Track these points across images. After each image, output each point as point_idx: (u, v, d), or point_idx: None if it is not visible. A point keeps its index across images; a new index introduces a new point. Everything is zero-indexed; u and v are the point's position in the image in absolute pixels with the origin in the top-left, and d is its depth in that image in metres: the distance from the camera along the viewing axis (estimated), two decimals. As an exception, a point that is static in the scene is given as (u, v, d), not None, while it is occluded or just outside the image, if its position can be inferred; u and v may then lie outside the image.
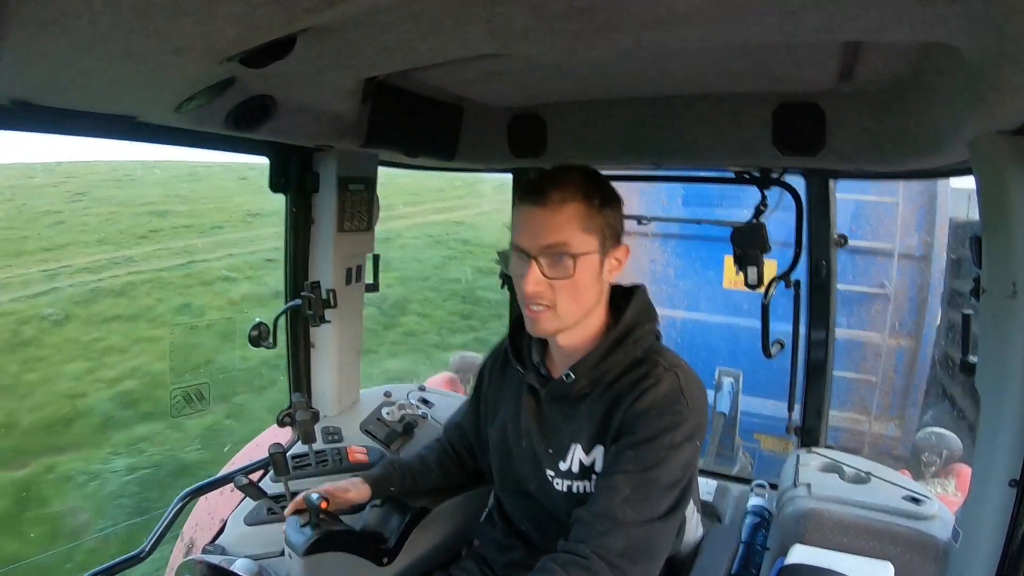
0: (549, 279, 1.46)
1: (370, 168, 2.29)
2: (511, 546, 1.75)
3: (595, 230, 1.48)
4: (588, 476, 1.55)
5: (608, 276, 1.55)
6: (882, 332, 6.07)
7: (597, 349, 1.54)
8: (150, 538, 1.85)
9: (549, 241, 1.45)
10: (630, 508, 1.37)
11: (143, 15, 0.89)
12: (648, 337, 1.58)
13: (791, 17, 1.07)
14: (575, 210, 1.46)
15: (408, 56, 1.39)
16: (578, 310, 1.51)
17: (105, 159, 19.67)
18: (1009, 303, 1.33)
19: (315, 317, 2.13)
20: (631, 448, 1.43)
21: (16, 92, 1.14)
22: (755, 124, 1.88)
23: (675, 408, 1.44)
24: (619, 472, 1.42)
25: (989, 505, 1.42)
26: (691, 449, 1.45)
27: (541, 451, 1.62)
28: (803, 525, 1.82)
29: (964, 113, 1.23)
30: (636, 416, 1.45)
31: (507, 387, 1.75)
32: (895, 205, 5.90)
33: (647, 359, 1.54)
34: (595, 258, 1.49)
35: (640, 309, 1.60)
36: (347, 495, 1.72)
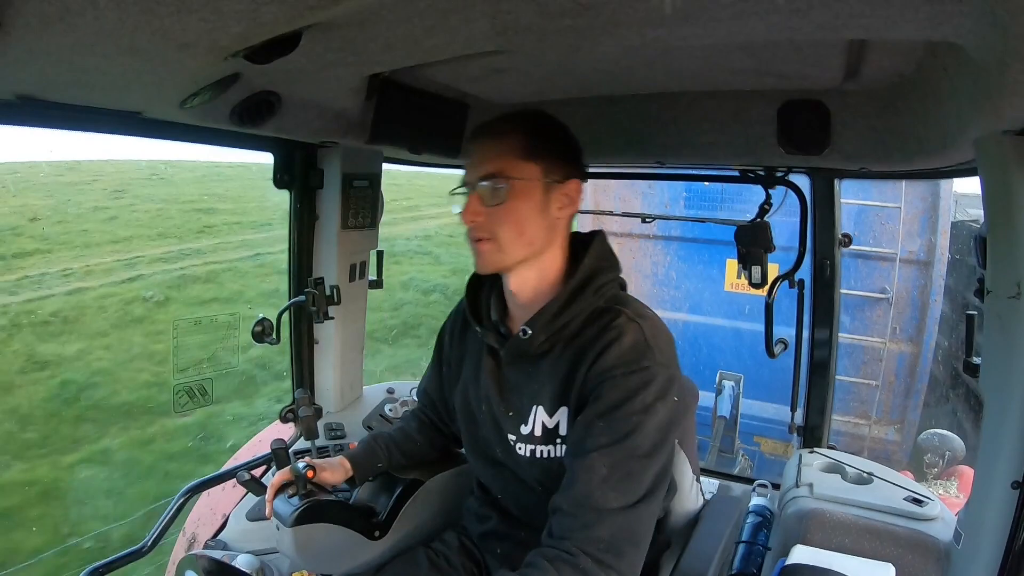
0: (487, 207, 1.45)
1: (374, 165, 2.29)
2: (486, 516, 1.73)
3: (537, 159, 1.46)
4: (552, 440, 1.50)
5: (559, 212, 1.51)
6: (883, 336, 6.09)
7: (555, 300, 1.49)
8: (152, 533, 1.85)
9: (486, 170, 1.46)
10: (611, 490, 1.31)
11: (148, 11, 0.89)
12: (611, 286, 1.54)
13: (797, 14, 1.07)
14: (515, 139, 1.47)
15: (413, 52, 1.39)
16: (521, 243, 1.47)
17: (119, 158, 19.90)
18: (1014, 304, 1.33)
19: (319, 313, 2.13)
20: (600, 418, 1.37)
21: (21, 87, 1.15)
22: (760, 122, 1.88)
23: (642, 364, 1.38)
24: (593, 449, 1.35)
25: (991, 507, 1.41)
26: (665, 409, 1.38)
27: (501, 414, 1.58)
28: (805, 525, 1.81)
29: (970, 113, 1.23)
30: (601, 375, 1.39)
31: (468, 348, 1.71)
32: (897, 210, 5.91)
33: (609, 309, 1.48)
34: (535, 186, 1.46)
35: (599, 255, 1.55)
36: (322, 473, 1.70)
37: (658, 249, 6.73)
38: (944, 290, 6.07)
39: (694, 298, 6.68)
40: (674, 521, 1.83)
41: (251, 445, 3.33)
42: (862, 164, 1.92)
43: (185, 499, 1.96)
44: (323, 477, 1.70)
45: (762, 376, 5.77)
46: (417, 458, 1.91)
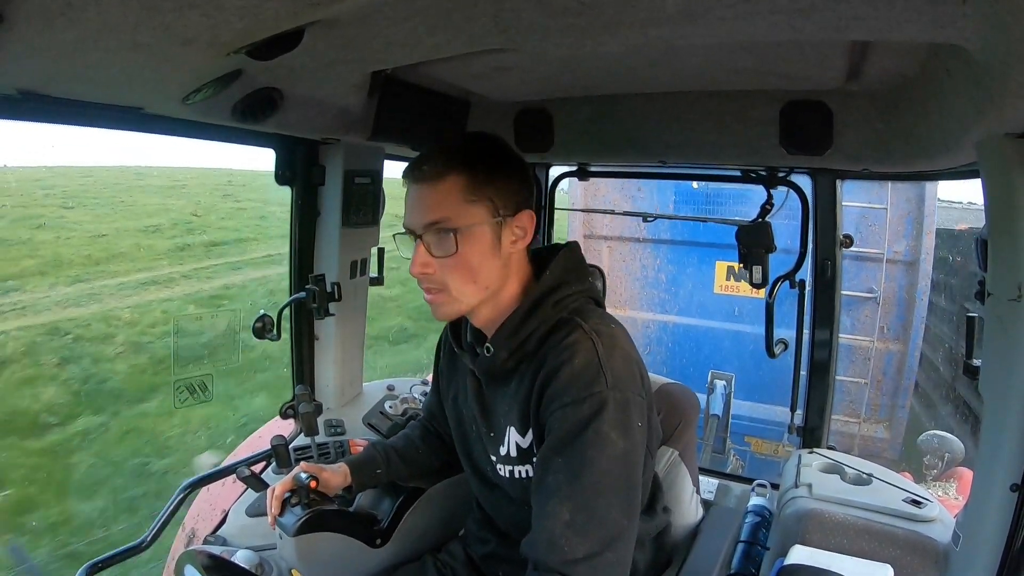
0: (436, 258, 1.37)
1: (376, 162, 2.29)
2: (486, 539, 1.72)
3: (481, 199, 1.37)
4: (528, 459, 1.45)
5: (512, 247, 1.43)
6: (871, 336, 6.16)
7: (513, 316, 1.43)
8: (151, 528, 1.85)
9: (430, 218, 1.36)
10: (575, 536, 1.25)
11: (150, 7, 0.90)
12: (574, 298, 1.46)
13: (800, 15, 1.07)
14: (455, 181, 1.36)
15: (415, 50, 1.39)
16: (474, 289, 1.41)
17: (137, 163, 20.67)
18: (1014, 306, 1.33)
19: (319, 310, 2.13)
20: (557, 453, 1.31)
21: (23, 82, 1.14)
22: (762, 122, 1.88)
23: (592, 390, 1.30)
24: (553, 492, 1.29)
25: (990, 509, 1.41)
26: (623, 438, 1.30)
27: (484, 434, 1.55)
28: (803, 525, 1.81)
29: (972, 115, 1.23)
30: (551, 403, 1.33)
31: (457, 368, 1.67)
32: (884, 211, 5.98)
33: (568, 321, 1.41)
34: (484, 230, 1.38)
35: (564, 268, 1.47)
36: (322, 474, 1.67)
37: (648, 252, 6.76)
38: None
39: (684, 300, 6.71)
40: (674, 535, 1.82)
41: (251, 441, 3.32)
42: (864, 165, 1.92)
43: (184, 495, 1.96)
44: (324, 479, 1.68)
45: (752, 377, 5.83)
46: (418, 467, 1.88)
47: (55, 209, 16.26)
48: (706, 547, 1.84)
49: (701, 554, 1.81)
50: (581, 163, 2.58)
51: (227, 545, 1.87)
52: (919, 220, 5.99)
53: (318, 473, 1.67)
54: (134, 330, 11.36)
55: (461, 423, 1.66)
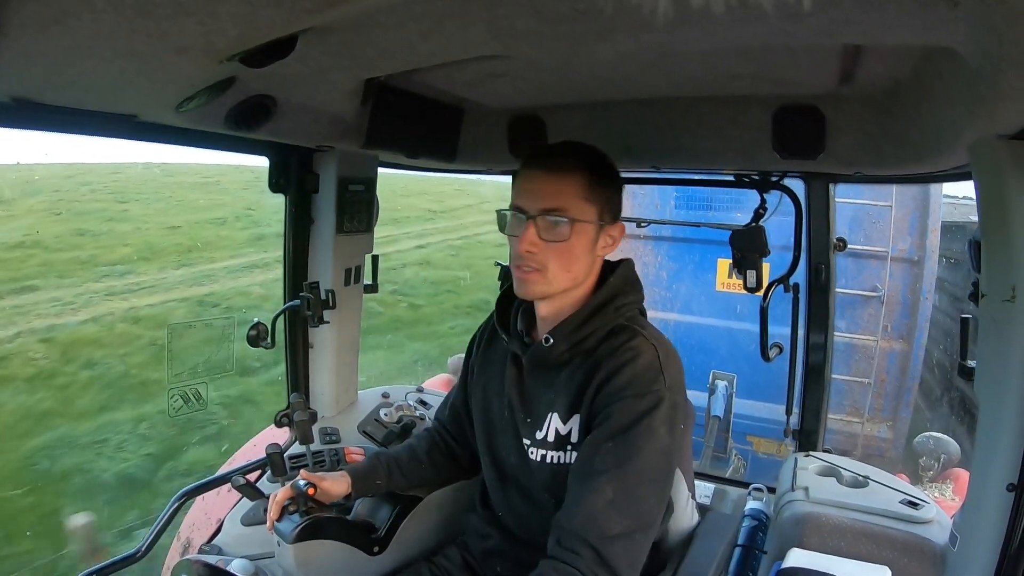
0: (544, 241, 1.48)
1: (370, 169, 2.29)
2: (487, 534, 1.75)
3: (595, 201, 1.50)
4: (564, 446, 1.55)
5: (601, 251, 1.56)
6: (875, 335, 6.09)
7: (578, 314, 1.54)
8: (147, 538, 1.84)
9: (550, 204, 1.48)
10: (615, 514, 1.36)
11: (145, 14, 0.89)
12: (631, 307, 1.59)
13: (792, 20, 1.07)
14: (579, 178, 1.49)
15: (409, 57, 1.39)
16: (567, 277, 1.52)
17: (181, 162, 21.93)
18: (1008, 307, 1.33)
19: (314, 318, 2.12)
20: (608, 439, 1.42)
21: (17, 90, 1.14)
22: (755, 127, 1.88)
23: (652, 387, 1.43)
24: (600, 472, 1.40)
25: (987, 509, 1.42)
26: (668, 435, 1.43)
27: (520, 420, 1.62)
28: (801, 529, 1.81)
29: (964, 117, 1.23)
30: (612, 394, 1.44)
31: (493, 358, 1.76)
32: (888, 209, 5.93)
33: (628, 328, 1.54)
34: (591, 228, 1.51)
35: (625, 279, 1.60)
36: (322, 483, 1.70)
37: (648, 249, 6.73)
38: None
39: (685, 298, 6.68)
40: (670, 540, 1.83)
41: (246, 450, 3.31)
42: (857, 168, 1.93)
43: (180, 504, 1.96)
44: (325, 487, 1.70)
45: (755, 376, 5.77)
46: (418, 481, 1.91)
47: (110, 204, 17.91)
48: (702, 551, 1.84)
49: (697, 558, 1.81)
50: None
51: (223, 554, 1.86)
52: (924, 218, 5.95)
53: (318, 482, 1.69)
54: (270, 303, 12.60)
55: (488, 412, 1.73)
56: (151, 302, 12.41)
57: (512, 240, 1.53)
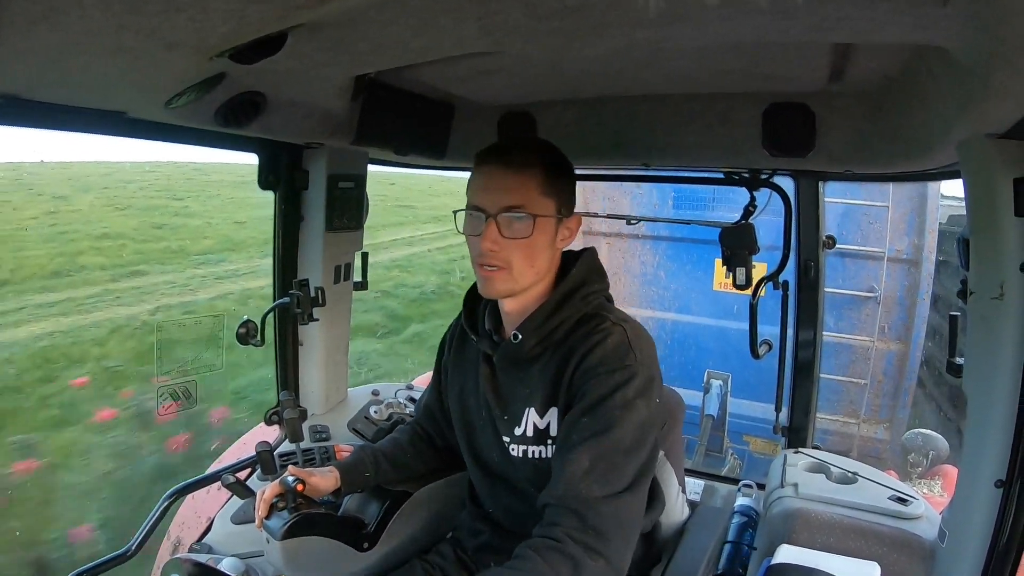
0: (506, 238, 1.48)
1: (360, 166, 2.28)
2: (480, 530, 1.75)
3: (553, 195, 1.51)
4: (543, 440, 1.56)
5: (560, 244, 1.57)
6: (871, 335, 6.11)
7: (544, 306, 1.55)
8: (136, 537, 1.83)
9: (511, 201, 1.47)
10: (594, 482, 1.36)
11: (134, 11, 0.89)
12: (597, 295, 1.59)
13: (783, 17, 1.07)
14: (537, 173, 1.49)
15: (400, 53, 1.39)
16: (531, 272, 1.52)
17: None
18: (996, 304, 1.34)
19: (303, 315, 2.11)
20: (584, 415, 1.42)
21: (5, 87, 1.13)
22: (745, 124, 1.89)
23: (624, 363, 1.44)
24: (576, 444, 1.41)
25: (975, 505, 1.43)
26: (645, 407, 1.43)
27: (498, 417, 1.62)
28: (790, 525, 1.82)
29: (954, 115, 1.24)
30: (586, 373, 1.45)
31: (465, 358, 1.75)
32: (885, 209, 5.94)
33: (596, 315, 1.54)
34: (551, 223, 1.52)
35: (588, 268, 1.61)
36: (311, 479, 1.69)
37: (646, 249, 6.74)
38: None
39: (682, 297, 6.69)
40: (662, 533, 1.83)
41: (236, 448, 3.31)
42: (846, 166, 1.93)
43: (170, 502, 1.95)
44: (313, 482, 1.69)
45: (751, 375, 5.78)
46: (406, 471, 1.90)
47: (167, 200, 19.24)
48: (693, 546, 1.84)
49: (688, 552, 1.82)
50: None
51: (213, 553, 1.85)
52: (921, 218, 5.96)
53: (306, 477, 1.68)
54: (379, 286, 14.05)
55: (466, 412, 1.73)
56: (260, 284, 13.12)
57: (472, 240, 1.52)
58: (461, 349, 1.78)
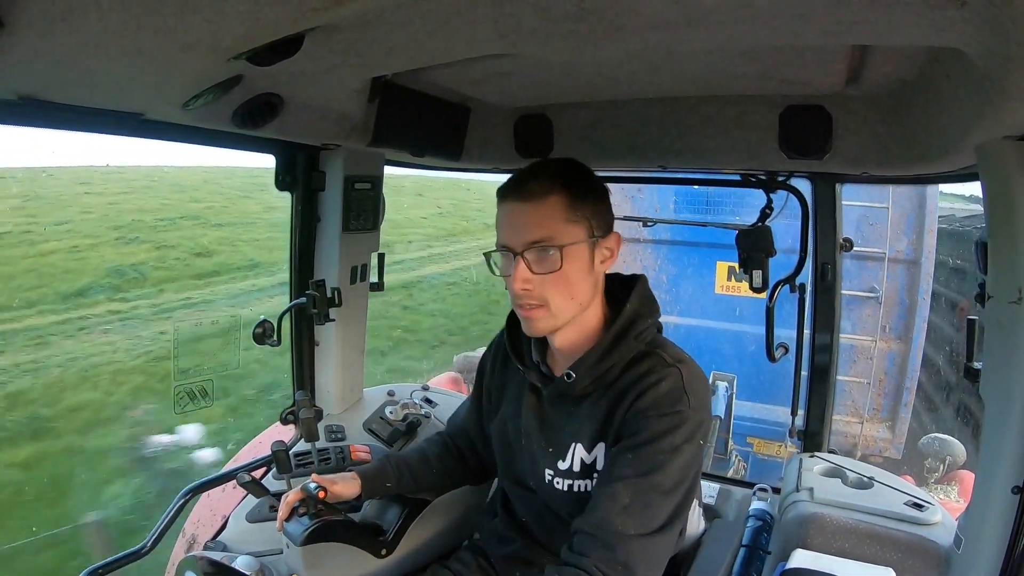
0: (537, 274, 1.43)
1: (376, 167, 2.28)
2: (511, 539, 1.73)
3: (580, 219, 1.44)
4: (590, 475, 1.53)
5: (601, 267, 1.51)
6: (873, 335, 6.16)
7: (598, 346, 1.50)
8: (152, 534, 1.85)
9: (534, 236, 1.42)
10: (629, 519, 1.34)
11: (152, 12, 0.89)
12: (650, 330, 1.54)
13: (800, 20, 1.07)
14: (557, 201, 1.43)
15: (416, 55, 1.39)
16: (572, 305, 1.47)
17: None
18: (1015, 309, 1.33)
19: (320, 316, 2.12)
20: (630, 451, 1.40)
21: (24, 88, 1.14)
22: (762, 127, 1.88)
23: (676, 408, 1.41)
24: (617, 479, 1.38)
25: (992, 512, 1.41)
26: (691, 451, 1.41)
27: (540, 450, 1.60)
28: (805, 529, 1.81)
29: (971, 118, 1.23)
30: (637, 415, 1.42)
31: (509, 382, 1.72)
32: (885, 210, 5.98)
33: (650, 354, 1.50)
34: (583, 248, 1.45)
35: (641, 301, 1.56)
36: (333, 487, 1.68)
37: (648, 253, 6.76)
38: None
39: (685, 301, 6.72)
40: (680, 547, 1.83)
41: (251, 447, 3.32)
42: (864, 169, 1.92)
43: (185, 500, 1.96)
44: (335, 491, 1.69)
45: (754, 377, 5.83)
46: (428, 484, 1.89)
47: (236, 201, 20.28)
48: (709, 557, 1.84)
49: (704, 564, 1.81)
50: (581, 169, 2.58)
51: (228, 551, 1.86)
52: (920, 219, 6.00)
53: (329, 485, 1.68)
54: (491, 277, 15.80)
55: (506, 437, 1.70)
56: (439, 270, 16.31)
57: (507, 280, 1.47)
58: (504, 372, 1.75)
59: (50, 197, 17.76)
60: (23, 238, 15.39)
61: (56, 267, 14.81)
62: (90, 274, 14.76)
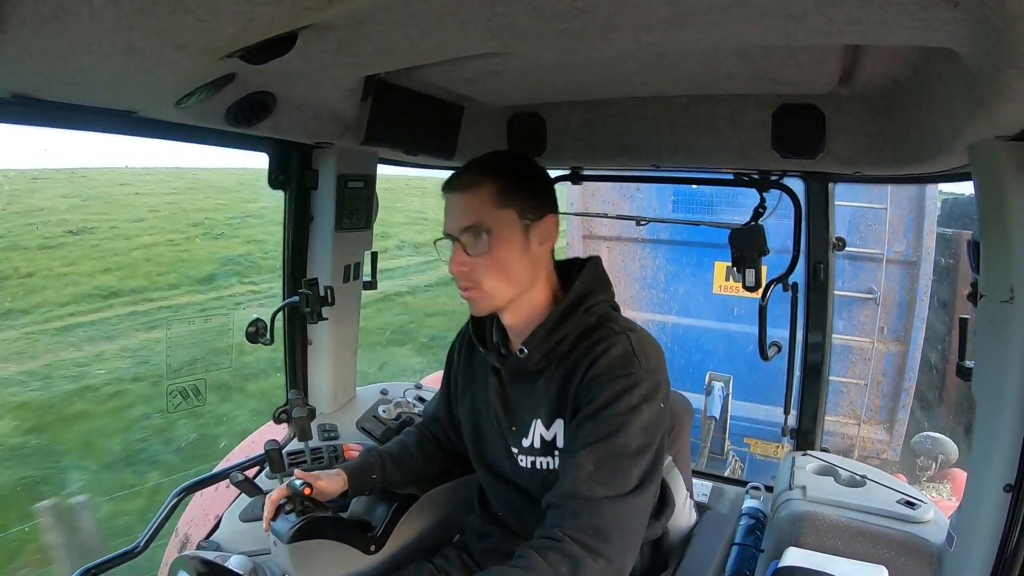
0: (472, 256, 1.50)
1: (369, 166, 2.28)
2: (488, 533, 1.76)
3: (511, 204, 1.51)
4: (551, 451, 1.56)
5: (540, 248, 1.56)
6: (871, 336, 6.15)
7: (547, 320, 1.55)
8: (145, 534, 1.84)
9: (467, 222, 1.50)
10: (598, 484, 1.36)
11: (144, 11, 0.89)
12: (601, 306, 1.58)
13: (792, 20, 1.07)
14: (488, 189, 1.50)
15: (409, 54, 1.39)
16: (507, 287, 1.53)
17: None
18: (1006, 308, 1.33)
19: (312, 314, 2.12)
20: (589, 420, 1.42)
21: (16, 86, 1.14)
22: (755, 126, 1.89)
23: (628, 370, 1.44)
24: (580, 448, 1.41)
25: (984, 510, 1.42)
26: (651, 411, 1.43)
27: (506, 429, 1.64)
28: (798, 528, 1.81)
29: (964, 118, 1.23)
30: (590, 382, 1.45)
31: (475, 368, 1.76)
32: (884, 211, 5.97)
33: (600, 326, 1.54)
34: (514, 230, 1.51)
35: (591, 279, 1.60)
36: (318, 482, 1.69)
37: (646, 252, 6.77)
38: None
39: (683, 300, 6.72)
40: (670, 539, 1.84)
41: (244, 446, 3.32)
42: (856, 168, 1.93)
43: (178, 500, 1.95)
44: (320, 486, 1.70)
45: (752, 377, 5.81)
46: (414, 474, 1.91)
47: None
48: (700, 550, 1.84)
49: (696, 558, 1.82)
50: (574, 167, 2.57)
51: (221, 550, 1.86)
52: (919, 220, 5.99)
53: (314, 481, 1.69)
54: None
55: (477, 422, 1.74)
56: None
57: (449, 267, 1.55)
58: (470, 358, 1.78)
59: (103, 196, 18.59)
60: (110, 233, 16.41)
61: (167, 257, 16.25)
62: (208, 263, 16.28)
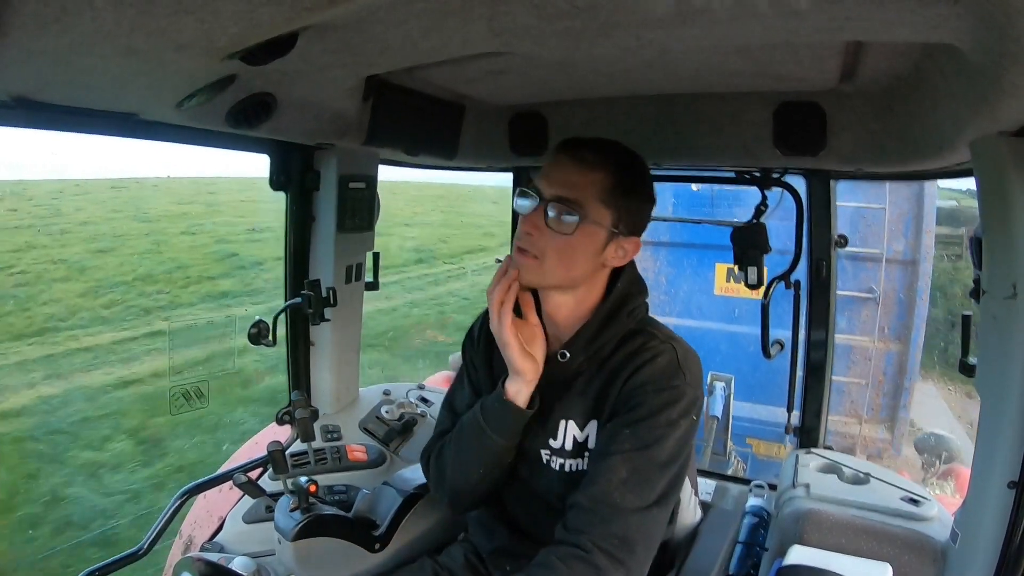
0: (549, 228, 1.43)
1: (371, 166, 2.28)
2: (496, 531, 1.73)
3: (613, 206, 1.45)
4: (581, 453, 1.54)
5: (609, 261, 1.51)
6: (871, 336, 6.13)
7: (591, 323, 1.52)
8: (148, 535, 1.84)
9: (564, 193, 1.43)
10: (628, 492, 1.36)
11: (145, 12, 0.89)
12: (640, 309, 1.57)
13: (793, 17, 1.07)
14: (601, 177, 1.44)
15: (410, 54, 1.39)
16: (563, 273, 1.47)
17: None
18: (1009, 304, 1.33)
19: (315, 315, 2.11)
20: (628, 426, 1.42)
21: (17, 89, 1.14)
22: (756, 124, 1.88)
23: (672, 383, 1.43)
24: (616, 452, 1.40)
25: (988, 507, 1.42)
26: (687, 425, 1.44)
27: (531, 428, 1.57)
28: (802, 526, 1.81)
29: (966, 114, 1.23)
30: (633, 391, 1.44)
31: (495, 357, 1.64)
32: (883, 211, 5.97)
33: (642, 331, 1.53)
34: (601, 233, 1.46)
35: (630, 280, 1.57)
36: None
37: (647, 255, 6.73)
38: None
39: (684, 302, 6.71)
40: (675, 538, 1.84)
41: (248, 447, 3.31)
42: (858, 165, 1.92)
43: (182, 501, 1.95)
44: None
45: (754, 378, 5.81)
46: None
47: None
48: (705, 549, 1.84)
49: (700, 556, 1.81)
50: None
51: (224, 552, 1.86)
52: (918, 219, 5.98)
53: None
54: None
55: None
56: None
57: (520, 220, 1.48)
58: (489, 346, 1.68)
59: (159, 206, 19.44)
60: (213, 235, 17.60)
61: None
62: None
